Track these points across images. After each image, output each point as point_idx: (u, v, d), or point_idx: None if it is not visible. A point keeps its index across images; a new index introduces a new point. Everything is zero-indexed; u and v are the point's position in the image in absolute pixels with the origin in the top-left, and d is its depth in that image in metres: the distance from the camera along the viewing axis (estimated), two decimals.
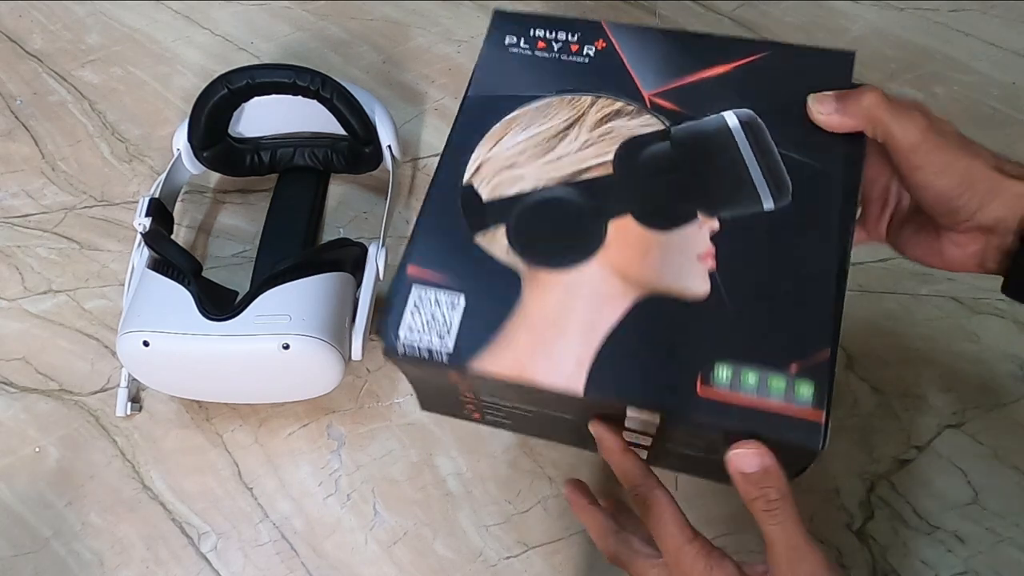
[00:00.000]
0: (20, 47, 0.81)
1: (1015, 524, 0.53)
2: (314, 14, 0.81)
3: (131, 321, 0.53)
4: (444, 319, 0.37)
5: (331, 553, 0.55)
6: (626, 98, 0.41)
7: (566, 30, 0.44)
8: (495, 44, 0.44)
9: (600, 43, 0.43)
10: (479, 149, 0.41)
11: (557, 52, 0.43)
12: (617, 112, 0.40)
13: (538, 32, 0.44)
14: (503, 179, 0.39)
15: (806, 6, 0.77)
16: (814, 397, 0.34)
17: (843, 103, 0.38)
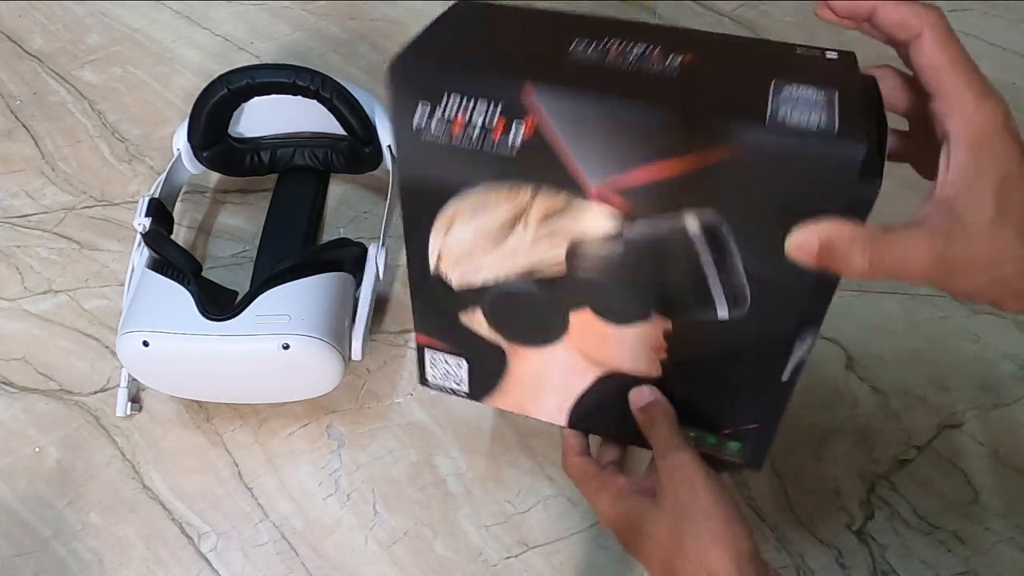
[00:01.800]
0: (20, 47, 0.81)
1: (1015, 524, 0.53)
2: (314, 14, 0.81)
3: (131, 321, 0.53)
4: (455, 374, 0.46)
5: (331, 553, 0.55)
6: (568, 192, 0.36)
7: (484, 102, 0.34)
8: (405, 126, 0.36)
9: (529, 124, 0.34)
10: (433, 239, 0.40)
11: (477, 142, 0.35)
12: (561, 210, 0.37)
13: (449, 111, 0.35)
14: (465, 269, 0.41)
15: (806, 6, 0.77)
16: (741, 450, 0.43)
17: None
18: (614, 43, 0.35)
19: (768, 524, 0.54)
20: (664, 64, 0.34)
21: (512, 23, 0.39)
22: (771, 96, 0.32)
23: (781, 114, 0.31)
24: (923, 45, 0.32)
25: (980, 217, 0.30)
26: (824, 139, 0.30)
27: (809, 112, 0.31)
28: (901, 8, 0.32)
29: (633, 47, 0.35)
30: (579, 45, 0.35)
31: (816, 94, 0.32)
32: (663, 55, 0.34)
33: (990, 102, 0.31)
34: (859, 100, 0.32)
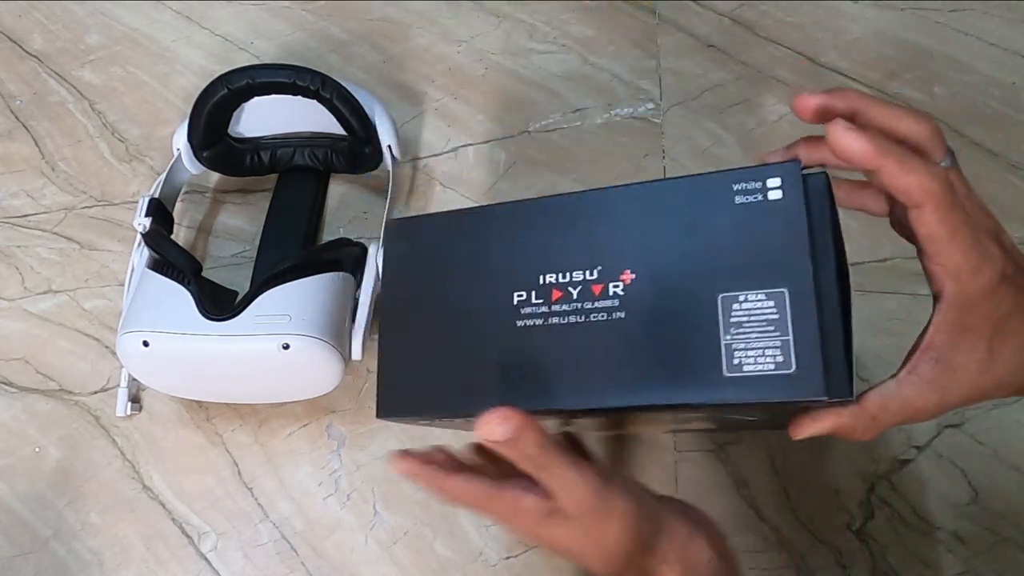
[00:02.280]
0: (20, 47, 0.81)
1: (1015, 524, 0.53)
2: (314, 14, 0.81)
3: (131, 321, 0.53)
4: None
5: (331, 553, 0.55)
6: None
7: (460, 419, 0.39)
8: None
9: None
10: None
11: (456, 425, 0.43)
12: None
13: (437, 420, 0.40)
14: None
15: (806, 6, 0.77)
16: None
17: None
18: (552, 283, 0.37)
19: (768, 524, 0.54)
20: (608, 299, 0.35)
21: (452, 280, 0.39)
22: (720, 322, 0.33)
23: (736, 359, 0.32)
24: (924, 216, 0.31)
25: (971, 363, 0.33)
26: (784, 381, 0.32)
27: (763, 345, 0.32)
28: (907, 177, 0.31)
29: (572, 280, 0.36)
30: (521, 298, 0.37)
31: (765, 305, 0.32)
32: (603, 283, 0.36)
33: (984, 269, 0.32)
34: (810, 294, 0.32)
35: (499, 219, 0.39)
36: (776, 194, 0.33)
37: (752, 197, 0.34)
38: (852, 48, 0.74)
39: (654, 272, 0.35)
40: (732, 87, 0.72)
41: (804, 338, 0.32)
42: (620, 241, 0.36)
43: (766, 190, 0.34)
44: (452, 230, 0.40)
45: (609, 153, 0.70)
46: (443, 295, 0.39)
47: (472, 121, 0.73)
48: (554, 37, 0.77)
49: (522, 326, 0.37)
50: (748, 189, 0.34)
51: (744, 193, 0.34)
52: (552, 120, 0.72)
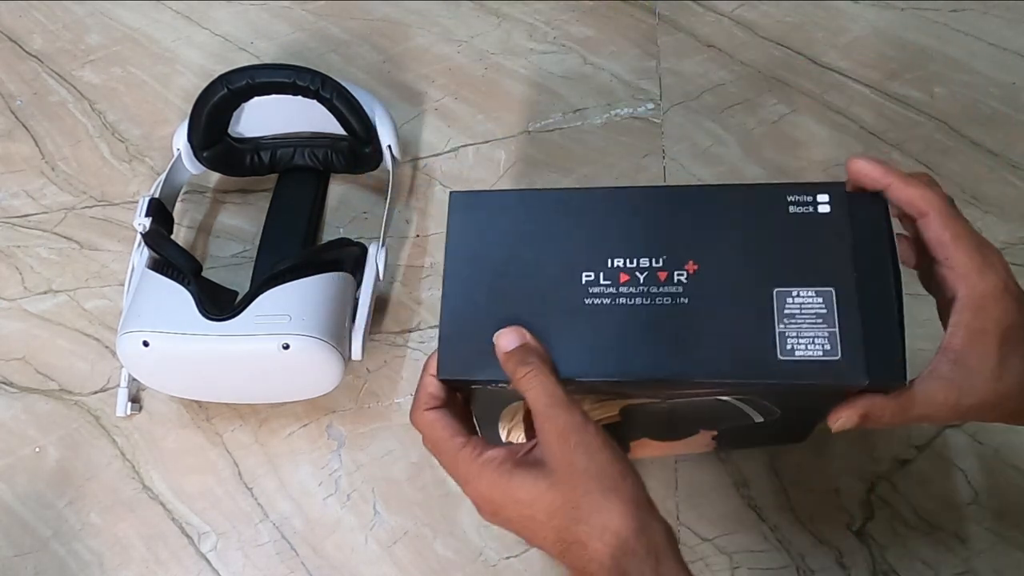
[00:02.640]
0: (20, 47, 0.81)
1: (1015, 524, 0.53)
2: (314, 14, 0.81)
3: (131, 321, 0.53)
4: None
5: (331, 553, 0.55)
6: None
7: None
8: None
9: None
10: (502, 424, 0.47)
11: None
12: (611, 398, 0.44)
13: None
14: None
15: (806, 6, 0.77)
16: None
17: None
18: (619, 267, 0.40)
19: (768, 524, 0.54)
20: (673, 286, 0.39)
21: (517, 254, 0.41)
22: (775, 312, 0.37)
23: (789, 345, 0.37)
24: (929, 223, 0.37)
25: (985, 367, 0.36)
26: (831, 366, 0.36)
27: (813, 334, 0.37)
28: (910, 191, 0.38)
29: (639, 266, 0.39)
30: (590, 278, 0.40)
31: (815, 301, 0.37)
32: (668, 271, 0.39)
33: (990, 272, 0.36)
34: (853, 294, 0.37)
35: (569, 202, 0.41)
36: (825, 208, 0.38)
37: (804, 208, 0.39)
38: (852, 48, 0.74)
39: (716, 265, 0.38)
40: (732, 87, 0.72)
41: (849, 331, 0.36)
42: (684, 235, 0.39)
43: (816, 203, 0.39)
44: (523, 207, 0.41)
45: (609, 153, 0.70)
46: (510, 266, 0.40)
47: (472, 121, 0.73)
48: (554, 37, 0.77)
49: (589, 303, 0.39)
50: (801, 202, 0.39)
51: (797, 204, 0.39)
52: (552, 120, 0.72)
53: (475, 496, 0.39)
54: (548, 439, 0.37)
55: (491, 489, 0.38)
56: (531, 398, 0.37)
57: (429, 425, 0.40)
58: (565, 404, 0.37)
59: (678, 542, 0.37)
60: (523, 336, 0.39)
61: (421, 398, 0.40)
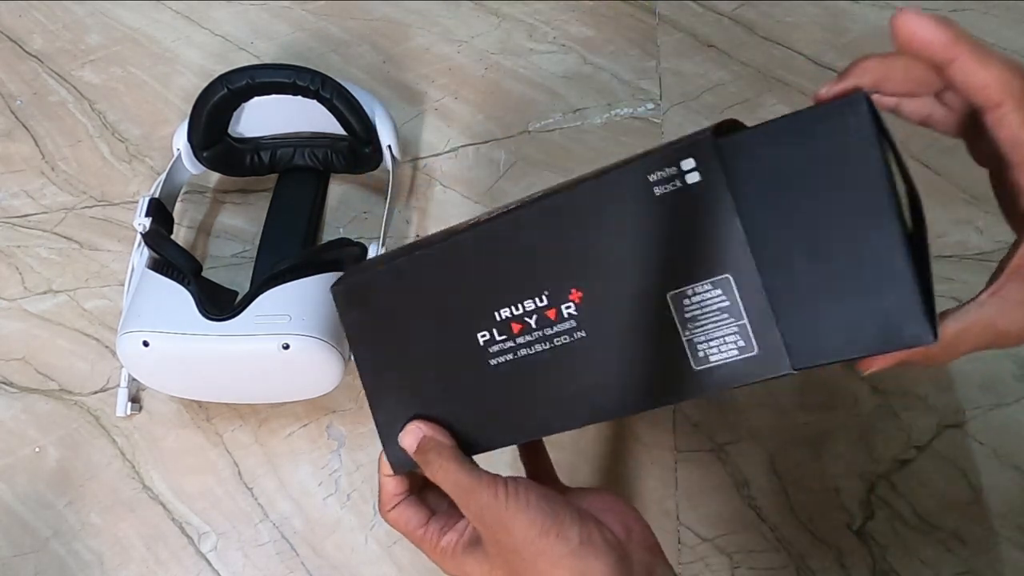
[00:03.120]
0: (20, 47, 0.81)
1: (1015, 524, 0.53)
2: (314, 14, 0.81)
3: (131, 321, 0.53)
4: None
5: (331, 553, 0.55)
6: None
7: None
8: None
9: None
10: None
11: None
12: None
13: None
14: None
15: (806, 6, 0.77)
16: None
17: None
18: (508, 318, 0.36)
19: (768, 524, 0.54)
20: (564, 321, 0.35)
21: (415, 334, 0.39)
22: (676, 320, 0.32)
23: (700, 352, 0.32)
24: (1004, 117, 0.28)
25: None
26: (751, 364, 0.32)
27: (722, 333, 0.32)
28: (984, 71, 0.28)
29: (526, 311, 0.36)
30: (486, 338, 0.37)
31: (713, 294, 0.32)
32: (555, 307, 0.35)
33: None
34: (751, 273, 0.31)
35: (435, 262, 0.37)
36: (693, 177, 0.31)
37: (670, 185, 0.31)
38: (852, 48, 0.74)
39: (600, 284, 0.34)
40: (732, 87, 0.72)
41: (760, 318, 0.31)
42: (556, 260, 0.34)
43: (682, 174, 0.31)
44: (397, 283, 0.38)
45: (609, 153, 0.70)
46: (413, 349, 0.39)
47: (472, 121, 0.73)
48: (554, 37, 0.77)
49: (495, 364, 0.37)
50: (664, 178, 0.31)
51: (661, 183, 0.31)
52: (552, 120, 0.72)
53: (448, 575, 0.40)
54: (473, 523, 0.37)
55: (451, 569, 0.39)
56: (445, 490, 0.37)
57: (396, 522, 0.41)
58: (472, 488, 0.36)
59: (637, 563, 0.36)
60: (419, 432, 0.38)
61: (383, 500, 0.41)
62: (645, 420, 0.58)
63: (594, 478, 0.57)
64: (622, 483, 0.57)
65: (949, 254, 0.63)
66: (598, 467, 0.57)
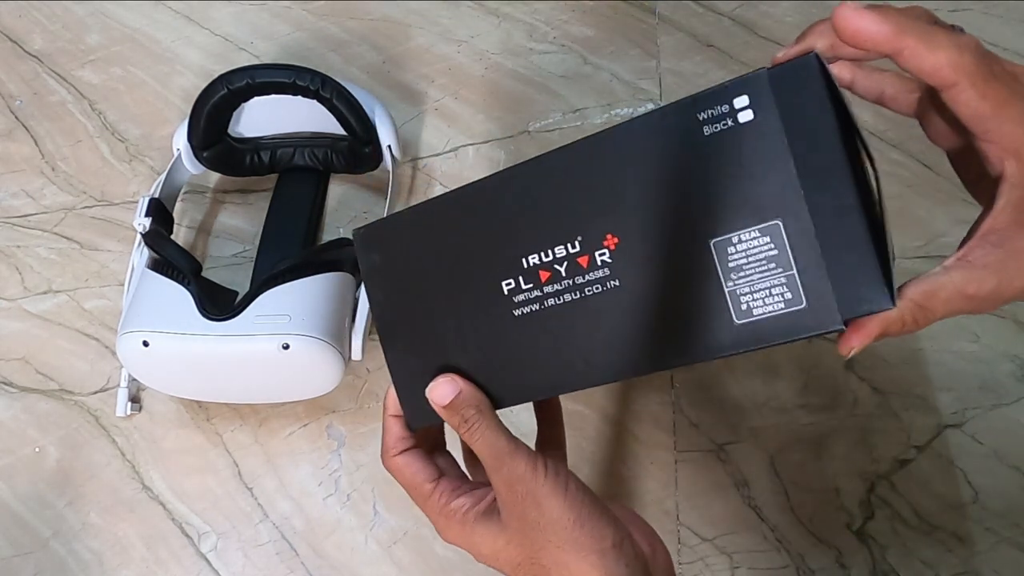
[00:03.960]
0: (20, 47, 0.81)
1: (1015, 524, 0.53)
2: (314, 14, 0.81)
3: (131, 321, 0.53)
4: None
5: (331, 553, 0.55)
6: None
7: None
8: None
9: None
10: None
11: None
12: None
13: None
14: None
15: (806, 6, 0.77)
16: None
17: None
18: (536, 265, 0.34)
19: (768, 524, 0.54)
20: (598, 269, 0.33)
21: (436, 281, 0.37)
22: (719, 269, 0.31)
23: (744, 304, 0.31)
24: (960, 95, 0.28)
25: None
26: (798, 317, 0.30)
27: (768, 284, 0.30)
28: (934, 55, 0.28)
29: (556, 257, 0.34)
30: (511, 287, 0.35)
31: (762, 242, 0.30)
32: (588, 254, 0.33)
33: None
34: (806, 221, 0.29)
35: (462, 207, 0.35)
36: (747, 115, 0.29)
37: (722, 124, 0.30)
38: None
39: (638, 231, 0.32)
40: None
41: (810, 269, 0.29)
42: (594, 203, 0.32)
43: (735, 112, 0.29)
44: (420, 228, 0.37)
45: None
46: (433, 298, 0.37)
47: (472, 121, 0.73)
48: (554, 37, 0.77)
49: (519, 315, 0.35)
50: (715, 116, 0.30)
51: (711, 122, 0.30)
52: (552, 120, 0.72)
53: (447, 541, 0.39)
54: (499, 490, 0.35)
55: (458, 539, 0.38)
56: (478, 451, 0.35)
57: (399, 470, 0.39)
58: (510, 454, 0.35)
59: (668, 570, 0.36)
60: (455, 385, 0.36)
61: (388, 443, 0.39)
62: (645, 420, 0.58)
63: (594, 478, 0.57)
64: (622, 483, 0.57)
65: (949, 254, 0.63)
66: (598, 467, 0.57)
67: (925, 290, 0.30)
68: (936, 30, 0.28)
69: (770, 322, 0.30)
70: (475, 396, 0.35)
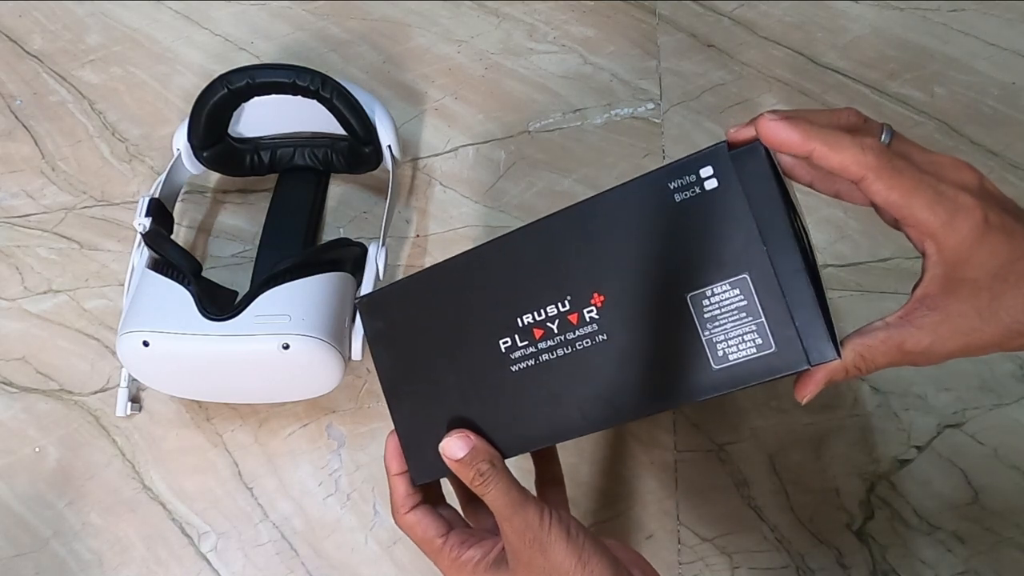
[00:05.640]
0: (20, 47, 0.81)
1: (1015, 524, 0.53)
2: (314, 14, 0.81)
3: (131, 321, 0.53)
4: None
5: (331, 553, 0.55)
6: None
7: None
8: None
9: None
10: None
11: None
12: None
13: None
14: None
15: (806, 6, 0.77)
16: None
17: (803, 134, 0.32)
18: (530, 323, 0.37)
19: (768, 524, 0.54)
20: (587, 325, 0.36)
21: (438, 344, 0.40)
22: (696, 319, 0.34)
23: (720, 351, 0.34)
24: (871, 187, 0.31)
25: (970, 310, 0.32)
26: (769, 360, 0.33)
27: (741, 332, 0.34)
28: (838, 155, 0.31)
29: (548, 316, 0.37)
30: (507, 345, 0.38)
31: (732, 294, 0.33)
32: (577, 311, 0.36)
33: (961, 219, 0.31)
34: (769, 273, 0.33)
35: (459, 273, 0.39)
36: (712, 183, 0.33)
37: (690, 192, 0.34)
38: (852, 48, 0.74)
39: (621, 288, 0.35)
40: (732, 87, 0.73)
41: (775, 316, 0.33)
42: (579, 266, 0.36)
43: (701, 181, 0.33)
44: (420, 294, 0.40)
45: (609, 153, 0.70)
46: (436, 358, 0.39)
47: (472, 121, 0.73)
48: (554, 37, 0.77)
49: (517, 370, 0.38)
50: (684, 185, 0.34)
51: (681, 190, 0.34)
52: (552, 120, 0.72)
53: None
54: (509, 540, 0.37)
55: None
56: (490, 502, 0.37)
57: (411, 528, 0.41)
58: (521, 504, 0.37)
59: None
60: (468, 440, 0.38)
61: (396, 501, 0.41)
62: (645, 420, 0.58)
63: (594, 478, 0.57)
64: (622, 483, 0.57)
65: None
66: (598, 467, 0.57)
67: (868, 344, 0.33)
68: (840, 135, 0.31)
69: (745, 366, 0.34)
70: (488, 450, 0.38)
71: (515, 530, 0.36)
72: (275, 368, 0.53)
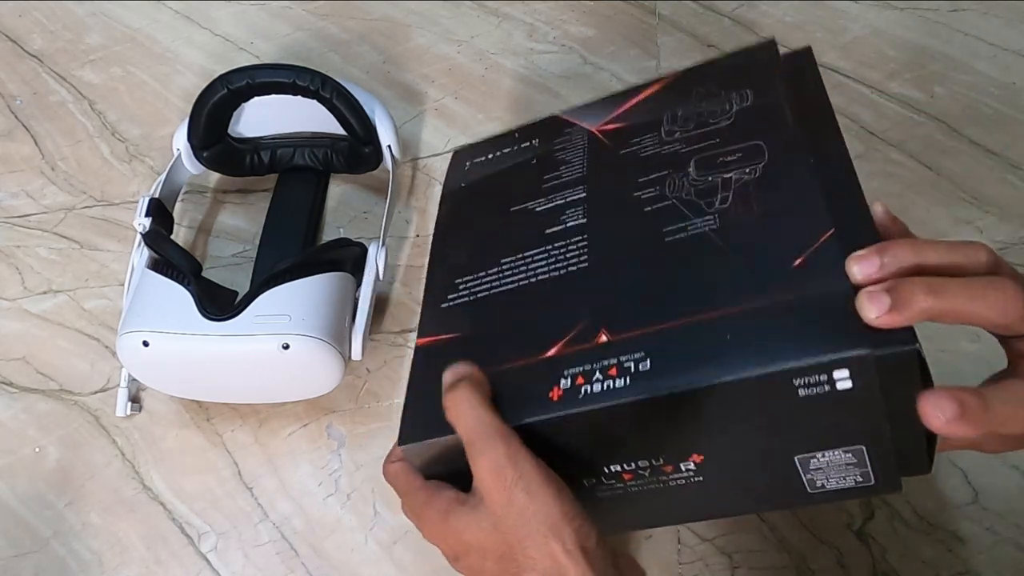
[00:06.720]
0: (20, 47, 0.81)
1: (1015, 524, 0.53)
2: (314, 14, 0.81)
3: (131, 321, 0.53)
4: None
5: (331, 553, 0.55)
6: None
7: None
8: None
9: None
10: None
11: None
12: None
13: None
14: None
15: (806, 6, 0.77)
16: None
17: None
18: (619, 470, 0.37)
19: (768, 524, 0.54)
20: (681, 475, 0.36)
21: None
22: (799, 471, 0.34)
23: (819, 484, 0.34)
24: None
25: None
26: (866, 491, 0.34)
27: (844, 474, 0.34)
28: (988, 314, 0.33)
29: (640, 467, 0.36)
30: (593, 483, 0.38)
31: (844, 456, 0.33)
32: (673, 464, 0.35)
33: None
34: (888, 444, 0.32)
35: (546, 430, 0.35)
36: (845, 384, 0.30)
37: (818, 389, 0.31)
38: (852, 48, 0.74)
39: (724, 453, 0.34)
40: None
41: (883, 466, 0.33)
42: (681, 437, 0.34)
43: (833, 381, 0.30)
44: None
45: None
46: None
47: (472, 121, 0.73)
48: (554, 37, 0.77)
49: (601, 496, 0.38)
50: (811, 383, 0.31)
51: (807, 387, 0.31)
52: None
53: (432, 541, 0.38)
54: (482, 475, 0.33)
55: (441, 532, 0.36)
56: (460, 429, 0.34)
57: (394, 476, 0.40)
58: (499, 434, 0.33)
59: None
60: (464, 368, 0.36)
61: (393, 452, 0.41)
62: None
63: None
64: None
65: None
66: None
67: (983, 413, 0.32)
68: (981, 287, 0.32)
69: (839, 492, 0.34)
70: (473, 371, 0.36)
71: (490, 464, 0.33)
72: (275, 368, 0.53)
